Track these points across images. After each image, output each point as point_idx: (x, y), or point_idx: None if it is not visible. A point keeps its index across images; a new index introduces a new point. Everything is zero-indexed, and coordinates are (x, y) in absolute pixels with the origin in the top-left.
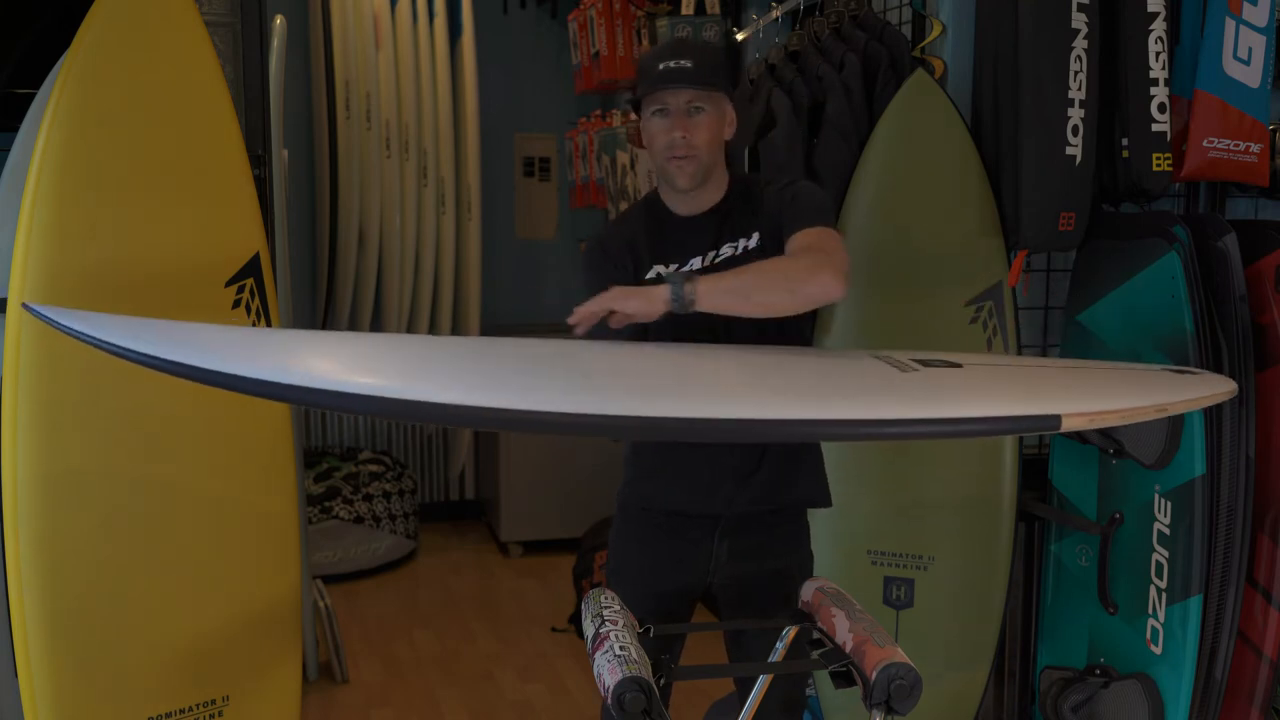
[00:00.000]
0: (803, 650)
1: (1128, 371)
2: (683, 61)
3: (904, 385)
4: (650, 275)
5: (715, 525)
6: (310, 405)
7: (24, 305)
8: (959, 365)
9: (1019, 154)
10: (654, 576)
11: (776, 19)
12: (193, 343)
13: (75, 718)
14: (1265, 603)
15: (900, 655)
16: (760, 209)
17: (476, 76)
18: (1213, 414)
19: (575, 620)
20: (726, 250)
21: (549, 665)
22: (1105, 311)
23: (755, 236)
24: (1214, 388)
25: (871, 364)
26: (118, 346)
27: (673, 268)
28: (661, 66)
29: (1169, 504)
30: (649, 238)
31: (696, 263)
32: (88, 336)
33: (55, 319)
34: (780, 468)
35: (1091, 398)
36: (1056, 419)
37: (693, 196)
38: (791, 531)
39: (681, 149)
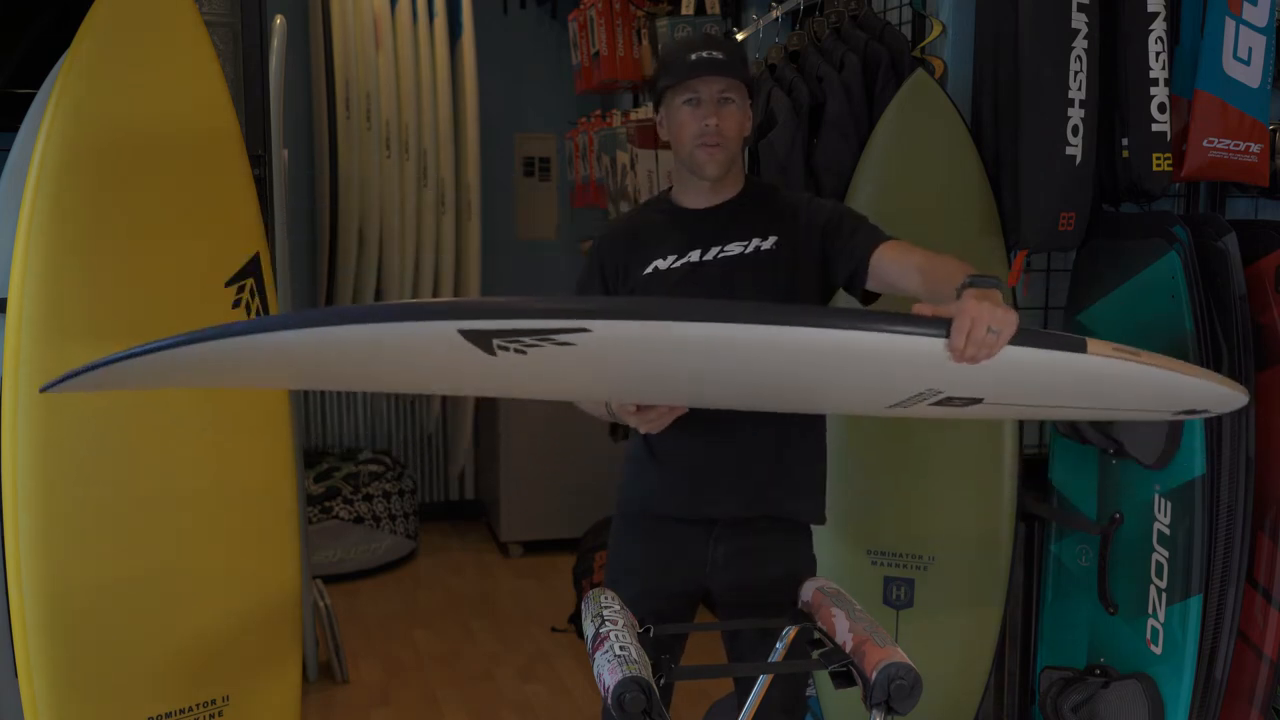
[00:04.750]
0: (803, 650)
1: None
2: (714, 53)
3: None
4: (648, 270)
5: (709, 530)
6: None
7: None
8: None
9: (1019, 154)
10: (651, 579)
11: (776, 19)
12: None
13: (75, 718)
14: (1265, 603)
15: (900, 655)
16: (783, 214)
17: (476, 76)
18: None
19: (575, 620)
20: (734, 247)
21: (549, 665)
22: (1105, 311)
23: (773, 240)
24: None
25: None
26: None
27: (670, 259)
28: (694, 57)
29: (1169, 504)
30: (653, 230)
31: (695, 256)
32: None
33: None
34: (770, 473)
35: None
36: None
37: (709, 190)
38: (789, 538)
39: (713, 137)
